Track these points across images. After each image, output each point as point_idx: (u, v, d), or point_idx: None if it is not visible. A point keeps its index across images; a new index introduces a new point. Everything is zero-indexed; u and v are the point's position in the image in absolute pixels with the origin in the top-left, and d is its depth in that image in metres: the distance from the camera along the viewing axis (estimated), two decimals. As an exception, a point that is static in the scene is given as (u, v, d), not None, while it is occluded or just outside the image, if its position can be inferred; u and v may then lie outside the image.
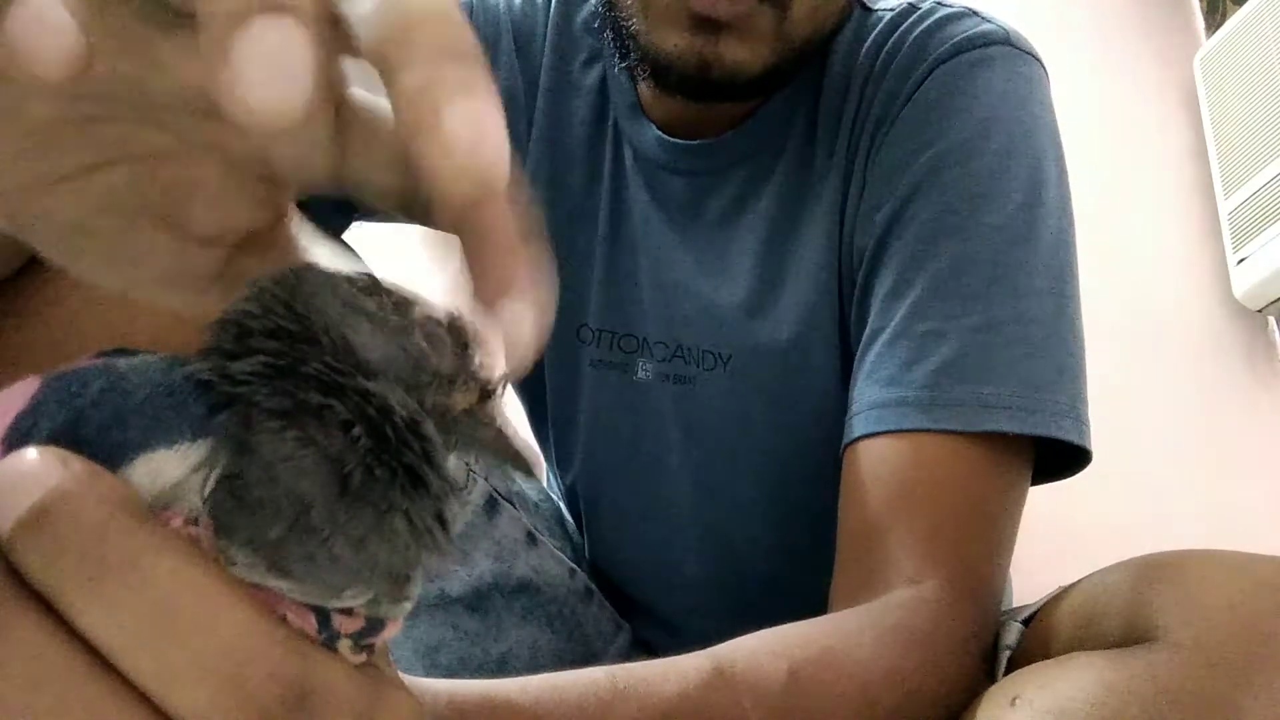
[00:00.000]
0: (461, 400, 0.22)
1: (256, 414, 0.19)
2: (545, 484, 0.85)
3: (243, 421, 0.19)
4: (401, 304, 0.22)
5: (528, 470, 0.23)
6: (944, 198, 0.59)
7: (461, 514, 0.22)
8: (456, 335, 0.22)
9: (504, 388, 0.23)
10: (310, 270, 0.22)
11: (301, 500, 0.19)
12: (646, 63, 0.60)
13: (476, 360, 0.22)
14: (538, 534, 0.69)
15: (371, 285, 0.22)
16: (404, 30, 0.18)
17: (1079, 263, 0.61)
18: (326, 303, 0.21)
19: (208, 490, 0.19)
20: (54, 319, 0.43)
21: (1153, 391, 1.46)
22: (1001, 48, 0.63)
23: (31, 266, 0.44)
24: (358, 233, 0.66)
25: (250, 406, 0.20)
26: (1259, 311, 1.51)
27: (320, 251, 0.26)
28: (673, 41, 0.58)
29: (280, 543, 0.19)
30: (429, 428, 0.21)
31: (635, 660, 0.44)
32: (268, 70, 0.17)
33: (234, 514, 0.19)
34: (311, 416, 0.19)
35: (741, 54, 0.58)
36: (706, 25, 0.57)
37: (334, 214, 0.63)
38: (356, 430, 0.20)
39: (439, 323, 0.22)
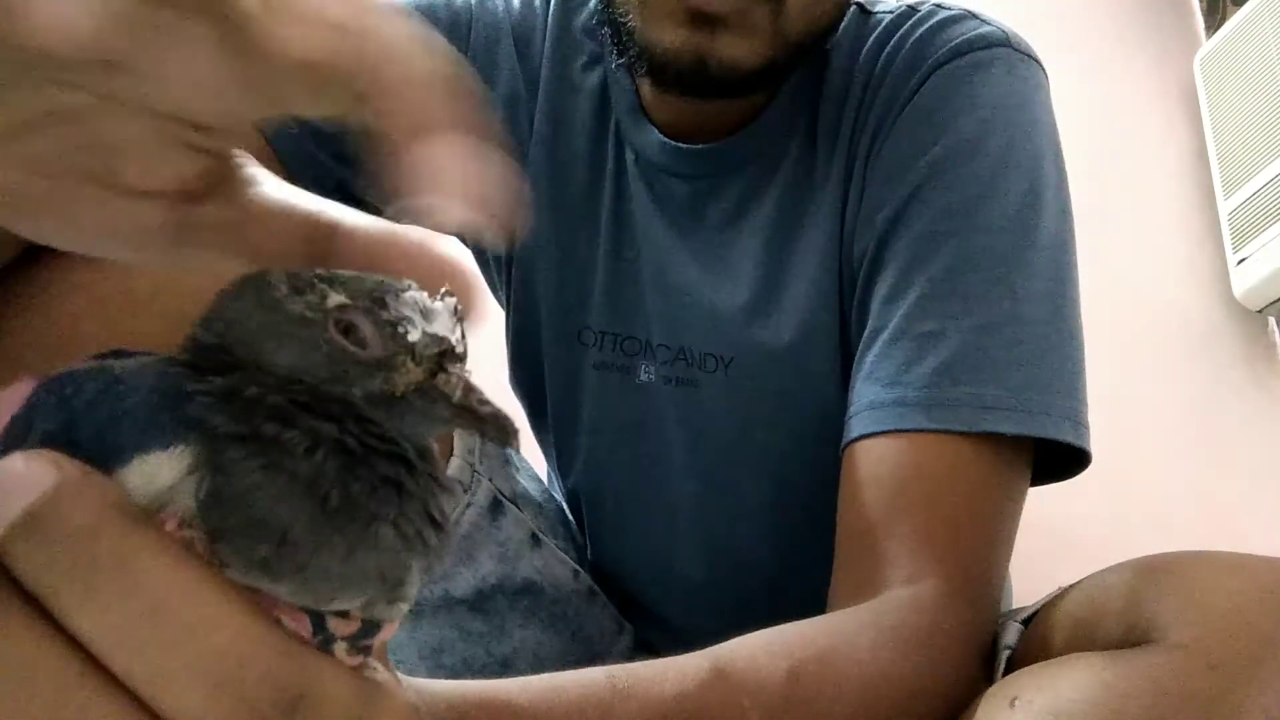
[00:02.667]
0: (403, 380, 0.21)
1: (218, 439, 0.19)
2: (546, 482, 0.85)
3: (210, 444, 0.19)
4: (325, 295, 0.21)
5: (500, 438, 0.22)
6: (943, 199, 0.59)
7: (452, 503, 0.21)
8: (383, 317, 0.21)
9: (461, 352, 0.22)
10: (248, 278, 0.22)
11: (282, 522, 0.19)
12: (644, 59, 0.60)
13: (414, 336, 0.21)
14: (542, 535, 0.69)
15: (304, 282, 0.21)
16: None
17: (1078, 263, 0.61)
18: (247, 311, 0.21)
19: (200, 496, 0.19)
20: (57, 319, 0.43)
21: (1152, 392, 1.45)
22: (1001, 50, 0.63)
23: (33, 266, 0.44)
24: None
25: (211, 431, 0.20)
26: (1259, 312, 1.50)
27: (277, 193, 0.25)
28: (669, 37, 0.57)
29: (269, 557, 0.19)
30: (390, 428, 0.21)
31: (638, 661, 0.44)
32: None
33: (224, 526, 0.19)
34: (271, 443, 0.19)
35: (738, 49, 0.57)
36: (703, 20, 0.57)
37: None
38: (320, 454, 0.20)
39: (362, 309, 0.21)
